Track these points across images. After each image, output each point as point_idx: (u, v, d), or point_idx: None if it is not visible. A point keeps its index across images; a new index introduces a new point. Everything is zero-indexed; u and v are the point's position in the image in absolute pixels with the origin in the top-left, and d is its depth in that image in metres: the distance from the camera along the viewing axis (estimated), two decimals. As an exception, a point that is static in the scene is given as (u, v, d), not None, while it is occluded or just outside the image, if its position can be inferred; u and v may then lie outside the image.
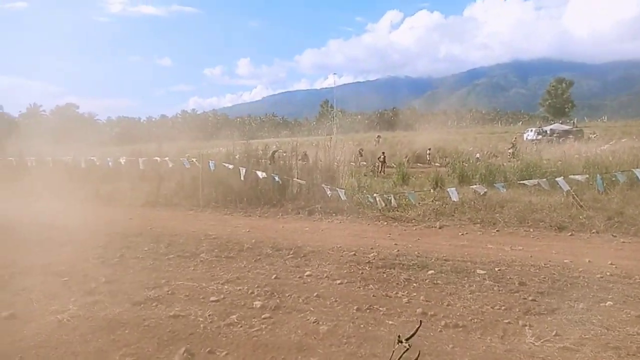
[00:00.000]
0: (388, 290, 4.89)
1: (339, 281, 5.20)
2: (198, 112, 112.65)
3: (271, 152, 16.51)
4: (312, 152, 14.05)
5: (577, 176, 8.75)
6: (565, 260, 5.88)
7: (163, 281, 5.22)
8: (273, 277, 5.40)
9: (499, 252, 6.46)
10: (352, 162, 19.85)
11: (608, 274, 5.32)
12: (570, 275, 5.26)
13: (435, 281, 5.16)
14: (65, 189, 11.88)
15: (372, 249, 6.68)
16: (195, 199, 11.39)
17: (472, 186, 9.83)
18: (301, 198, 10.65)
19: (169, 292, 4.85)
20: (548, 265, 5.71)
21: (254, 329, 3.93)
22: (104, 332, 3.85)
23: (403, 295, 4.74)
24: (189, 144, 29.19)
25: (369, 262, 5.97)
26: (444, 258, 6.07)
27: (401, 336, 1.48)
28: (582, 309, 4.24)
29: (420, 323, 1.73)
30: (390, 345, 1.50)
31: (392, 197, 9.41)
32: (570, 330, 3.80)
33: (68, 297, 4.69)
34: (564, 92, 75.99)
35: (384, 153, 22.98)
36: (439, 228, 8.20)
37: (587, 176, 9.11)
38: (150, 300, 4.61)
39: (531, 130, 37.90)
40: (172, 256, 6.35)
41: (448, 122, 70.47)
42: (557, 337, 3.68)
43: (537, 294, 4.68)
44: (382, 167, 21.31)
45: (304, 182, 10.78)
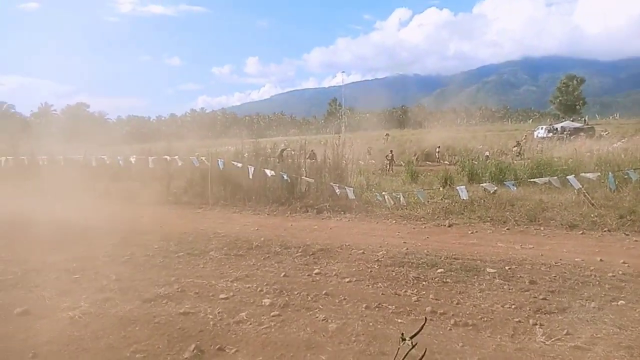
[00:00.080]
0: (397, 289, 4.88)
1: (347, 279, 5.20)
2: (207, 111, 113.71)
3: (280, 150, 16.51)
4: (321, 151, 14.04)
5: (588, 174, 8.67)
6: (576, 259, 5.81)
7: (173, 279, 5.27)
8: (282, 275, 5.41)
9: (509, 250, 6.41)
10: (360, 161, 19.83)
11: (620, 272, 5.25)
12: (581, 274, 5.21)
13: (444, 280, 5.14)
14: (76, 187, 11.99)
15: (380, 247, 6.67)
16: (204, 197, 11.47)
17: (482, 184, 9.77)
18: (310, 196, 10.67)
19: (179, 290, 4.88)
20: (559, 263, 5.66)
21: (263, 327, 3.95)
22: (114, 329, 3.89)
23: (412, 293, 4.73)
24: (198, 143, 29.34)
25: (377, 260, 5.96)
26: (454, 256, 6.04)
27: (405, 334, 1.47)
28: (594, 307, 4.19)
29: (425, 320, 1.71)
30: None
31: (401, 196, 9.38)
32: (582, 329, 3.76)
33: (80, 294, 4.74)
34: (575, 89, 74.92)
35: (392, 151, 22.95)
36: (449, 226, 8.16)
37: (599, 174, 9.03)
38: (161, 298, 4.64)
39: (542, 128, 37.66)
40: (181, 254, 6.39)
41: (457, 120, 70.12)
42: (568, 336, 3.64)
43: (548, 292, 4.64)
44: (389, 165, 21.27)
45: (313, 180, 10.78)
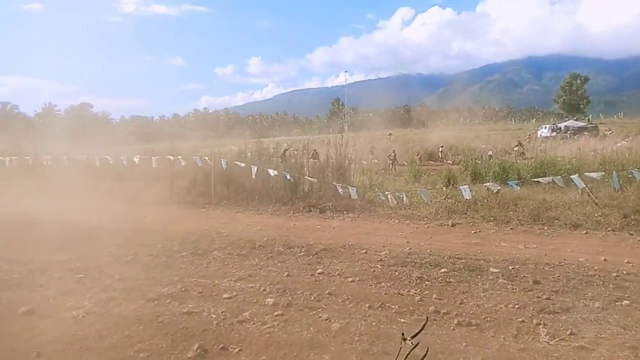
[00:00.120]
0: (400, 289, 4.87)
1: (350, 279, 5.20)
2: (210, 111, 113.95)
3: (282, 150, 16.53)
4: (324, 150, 14.04)
5: (592, 173, 8.62)
6: (580, 259, 5.79)
7: (176, 278, 5.28)
8: (285, 274, 5.42)
9: (513, 250, 6.39)
10: (363, 160, 19.82)
11: (624, 272, 5.23)
12: (585, 274, 5.19)
13: (447, 279, 5.13)
14: (80, 187, 12.04)
15: (383, 246, 6.66)
16: (207, 197, 11.48)
17: (485, 184, 9.75)
18: (312, 196, 10.67)
19: (183, 289, 4.89)
20: (563, 263, 5.64)
21: (266, 326, 3.95)
22: (118, 329, 3.90)
23: (415, 293, 4.72)
24: (201, 143, 29.44)
25: (380, 260, 5.96)
26: (457, 256, 6.03)
27: (406, 334, 1.47)
28: (598, 307, 4.17)
29: (426, 320, 1.71)
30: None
31: (404, 195, 9.36)
32: (586, 329, 3.75)
33: (83, 293, 4.76)
34: (579, 88, 74.56)
35: (394, 151, 22.92)
36: (452, 226, 8.15)
37: (603, 173, 8.98)
38: (164, 297, 4.65)
39: (545, 127, 37.51)
40: (185, 254, 6.41)
41: (460, 119, 70.09)
42: (572, 336, 3.63)
43: (552, 292, 4.62)
44: (392, 164, 21.26)
45: (315, 180, 10.78)
